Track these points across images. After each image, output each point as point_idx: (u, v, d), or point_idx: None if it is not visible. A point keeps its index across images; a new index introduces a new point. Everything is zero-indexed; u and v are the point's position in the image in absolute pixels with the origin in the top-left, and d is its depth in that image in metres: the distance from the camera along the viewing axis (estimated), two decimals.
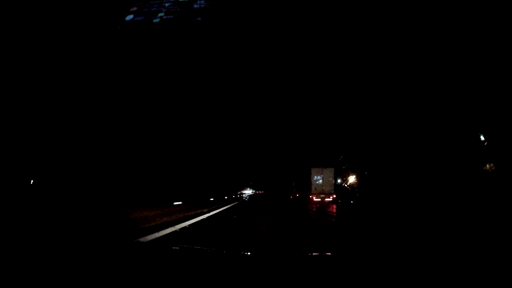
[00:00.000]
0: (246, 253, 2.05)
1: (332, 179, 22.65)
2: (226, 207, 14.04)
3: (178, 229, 5.31)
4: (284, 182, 51.02)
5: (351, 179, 26.15)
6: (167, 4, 7.90)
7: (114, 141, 16.05)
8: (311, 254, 2.37)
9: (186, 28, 8.08)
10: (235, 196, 48.25)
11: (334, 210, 13.75)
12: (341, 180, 26.44)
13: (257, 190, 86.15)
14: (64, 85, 13.05)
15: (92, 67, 13.46)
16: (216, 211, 11.01)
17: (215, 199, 25.36)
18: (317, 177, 22.32)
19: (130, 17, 7.90)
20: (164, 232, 4.73)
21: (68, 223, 5.02)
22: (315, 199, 21.72)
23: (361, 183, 24.55)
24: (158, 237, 4.34)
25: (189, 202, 15.14)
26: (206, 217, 8.23)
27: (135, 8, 7.97)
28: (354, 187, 25.59)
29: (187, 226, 5.95)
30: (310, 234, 5.74)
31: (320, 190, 21.87)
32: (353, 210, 14.69)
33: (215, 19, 8.64)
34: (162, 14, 7.85)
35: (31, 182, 12.79)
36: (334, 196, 21.86)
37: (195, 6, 7.74)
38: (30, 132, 12.00)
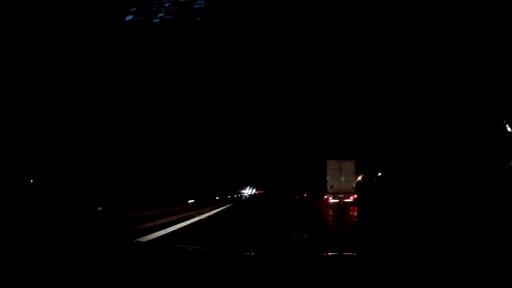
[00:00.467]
0: (247, 253, 2.05)
1: (354, 174, 18.81)
2: (229, 205, 16.13)
3: (199, 219, 7.85)
4: (288, 179, 46.82)
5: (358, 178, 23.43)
6: (167, 4, 7.90)
7: (118, 143, 16.11)
8: (311, 254, 2.36)
9: (186, 28, 8.08)
10: (236, 195, 47.88)
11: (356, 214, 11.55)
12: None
13: (257, 190, 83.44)
14: (65, 85, 13.04)
15: (92, 67, 13.45)
16: (223, 207, 14.18)
17: (220, 198, 25.80)
18: (334, 172, 18.44)
19: (130, 17, 7.90)
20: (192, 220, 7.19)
21: (76, 222, 5.03)
22: (331, 200, 18.05)
23: (365, 182, 22.32)
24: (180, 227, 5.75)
25: (199, 200, 16.63)
26: (216, 212, 11.36)
27: (135, 8, 7.97)
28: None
29: (203, 218, 8.41)
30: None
31: (338, 189, 18.20)
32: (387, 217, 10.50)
33: (215, 19, 8.64)
34: (162, 14, 7.85)
35: (31, 182, 12.78)
36: (355, 196, 18.21)
37: (195, 6, 7.74)
38: (30, 132, 11.99)
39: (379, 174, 21.43)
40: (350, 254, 2.43)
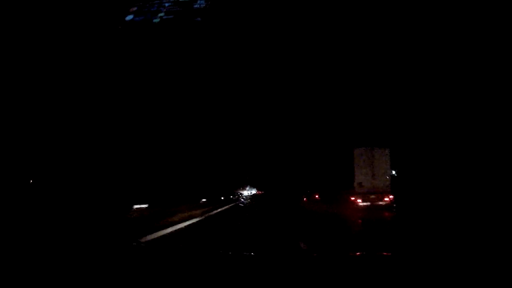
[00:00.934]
0: (247, 253, 2.05)
1: (388, 166, 14.53)
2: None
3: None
4: (294, 177, 40.93)
5: None
6: (167, 4, 7.89)
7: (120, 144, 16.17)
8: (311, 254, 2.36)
9: (186, 28, 8.08)
10: (236, 196, 46.89)
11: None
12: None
13: (258, 190, 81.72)
14: (65, 85, 13.04)
15: (92, 67, 13.45)
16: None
17: (225, 198, 27.04)
18: (364, 164, 14.15)
19: (130, 17, 7.89)
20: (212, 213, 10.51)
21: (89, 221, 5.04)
22: (360, 203, 13.92)
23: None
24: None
25: (209, 199, 18.25)
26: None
27: (135, 8, 7.96)
28: None
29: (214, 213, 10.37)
30: None
31: (370, 187, 14.00)
32: None
33: (215, 19, 8.64)
34: (162, 14, 7.84)
35: (30, 182, 12.78)
36: (390, 197, 14.02)
37: (195, 6, 7.73)
38: (31, 132, 11.99)
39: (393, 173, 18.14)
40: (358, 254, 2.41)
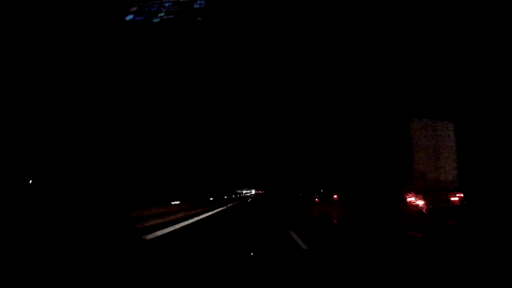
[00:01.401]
0: (247, 253, 2.05)
1: (455, 150, 9.82)
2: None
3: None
4: (299, 175, 34.84)
5: None
6: (167, 4, 7.91)
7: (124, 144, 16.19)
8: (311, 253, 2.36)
9: (186, 28, 8.09)
10: (236, 197, 46.12)
11: None
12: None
13: (257, 190, 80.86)
14: (64, 85, 13.05)
15: (92, 67, 13.45)
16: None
17: (214, 199, 25.72)
18: (425, 144, 9.81)
19: (130, 17, 7.91)
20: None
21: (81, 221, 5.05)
22: (423, 204, 9.32)
23: None
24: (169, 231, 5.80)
25: (188, 201, 16.69)
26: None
27: (135, 8, 7.98)
28: None
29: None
30: None
31: (434, 180, 9.67)
32: None
33: (215, 19, 8.64)
34: (162, 14, 7.86)
35: (30, 182, 12.77)
36: (460, 195, 9.17)
37: (195, 6, 7.75)
38: (29, 132, 12.00)
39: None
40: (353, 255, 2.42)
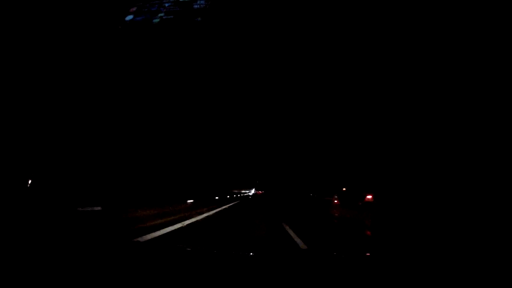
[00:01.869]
0: (247, 253, 2.05)
1: None
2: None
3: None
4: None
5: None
6: (167, 4, 7.91)
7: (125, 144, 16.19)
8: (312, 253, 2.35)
9: (186, 28, 8.08)
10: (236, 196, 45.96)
11: None
12: None
13: (257, 190, 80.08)
14: (64, 85, 13.04)
15: (92, 67, 13.45)
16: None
17: (219, 197, 26.05)
18: None
19: (130, 17, 7.91)
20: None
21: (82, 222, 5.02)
22: None
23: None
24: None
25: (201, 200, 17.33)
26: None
27: (135, 8, 7.98)
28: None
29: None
30: None
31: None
32: None
33: (215, 19, 8.64)
34: (162, 14, 7.86)
35: (29, 182, 12.75)
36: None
37: (195, 6, 7.74)
38: (29, 132, 11.99)
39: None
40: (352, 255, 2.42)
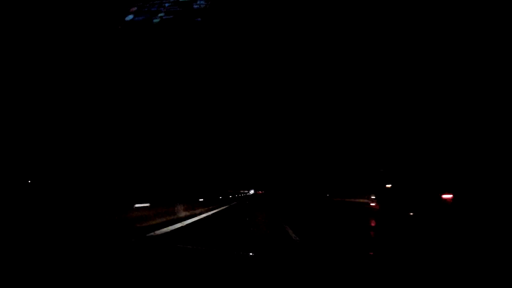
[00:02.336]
0: (247, 253, 2.05)
1: None
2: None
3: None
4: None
5: None
6: (167, 4, 7.91)
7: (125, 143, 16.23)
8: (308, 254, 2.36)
9: (186, 28, 8.08)
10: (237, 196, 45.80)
11: None
12: None
13: (256, 190, 79.39)
14: (64, 85, 13.04)
15: (92, 67, 13.44)
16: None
17: (222, 197, 26.86)
18: None
19: (130, 17, 7.91)
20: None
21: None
22: None
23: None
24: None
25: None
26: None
27: (135, 8, 7.98)
28: None
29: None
30: None
31: None
32: None
33: (215, 19, 8.64)
34: (162, 14, 7.86)
35: (29, 182, 12.76)
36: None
37: (195, 6, 7.74)
38: (29, 132, 11.98)
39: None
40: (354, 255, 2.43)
